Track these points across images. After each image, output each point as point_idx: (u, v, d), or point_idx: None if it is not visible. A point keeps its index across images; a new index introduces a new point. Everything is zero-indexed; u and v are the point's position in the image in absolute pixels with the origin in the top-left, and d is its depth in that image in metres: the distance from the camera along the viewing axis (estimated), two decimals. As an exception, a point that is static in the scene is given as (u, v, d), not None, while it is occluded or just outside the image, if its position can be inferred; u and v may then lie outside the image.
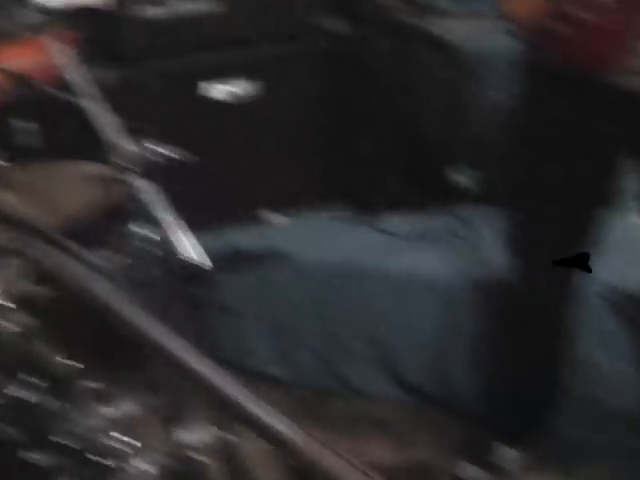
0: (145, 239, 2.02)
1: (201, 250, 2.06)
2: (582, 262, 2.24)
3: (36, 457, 1.65)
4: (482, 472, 2.42)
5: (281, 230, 3.02)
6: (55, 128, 2.61)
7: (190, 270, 2.02)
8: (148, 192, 2.03)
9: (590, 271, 2.23)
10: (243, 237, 2.91)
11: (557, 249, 2.22)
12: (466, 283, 2.66)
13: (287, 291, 2.87)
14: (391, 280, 2.75)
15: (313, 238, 2.95)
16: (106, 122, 2.09)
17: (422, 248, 2.80)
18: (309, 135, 3.09)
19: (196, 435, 1.94)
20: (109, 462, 1.70)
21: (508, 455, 2.46)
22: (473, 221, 2.87)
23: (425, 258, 2.76)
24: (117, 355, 1.82)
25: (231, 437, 1.96)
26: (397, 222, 2.95)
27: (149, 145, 2.06)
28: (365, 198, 3.07)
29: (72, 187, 2.21)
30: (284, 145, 3.06)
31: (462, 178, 3.03)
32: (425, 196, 3.03)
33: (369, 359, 2.80)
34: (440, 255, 2.76)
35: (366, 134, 3.07)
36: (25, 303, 1.73)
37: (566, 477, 2.43)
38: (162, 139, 2.09)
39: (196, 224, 2.59)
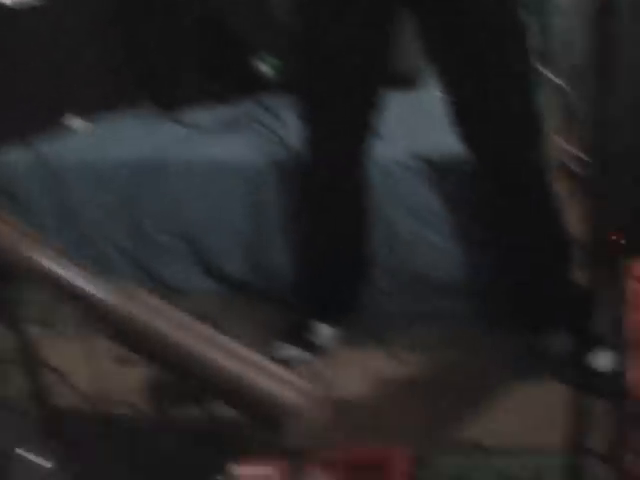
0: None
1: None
2: (371, 134, 2.28)
3: None
4: (300, 351, 2.45)
5: (85, 135, 2.93)
6: None
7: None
8: None
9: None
10: (49, 147, 2.82)
11: (350, 123, 2.23)
12: (270, 167, 2.66)
13: (95, 195, 2.80)
14: (197, 171, 2.72)
15: (118, 139, 2.89)
16: None
17: (226, 137, 2.78)
18: (106, 36, 3.00)
19: None
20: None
21: (325, 333, 2.49)
22: (276, 108, 2.86)
23: (229, 146, 2.74)
24: None
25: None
26: (201, 115, 2.92)
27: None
28: (168, 94, 3.03)
29: None
30: (81, 49, 2.95)
31: (265, 67, 3.02)
32: (229, 87, 3.02)
33: (181, 254, 2.77)
34: (244, 142, 2.74)
35: (166, 30, 3.01)
36: None
37: (385, 349, 2.47)
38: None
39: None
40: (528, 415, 2.15)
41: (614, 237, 1.95)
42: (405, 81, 2.83)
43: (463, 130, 2.20)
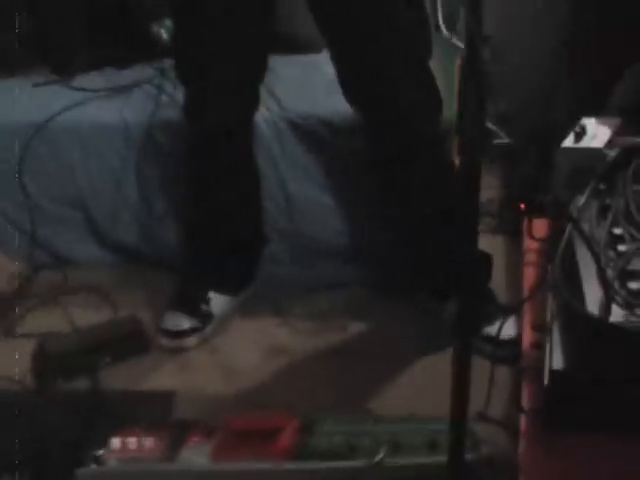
0: None
1: None
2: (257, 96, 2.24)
3: None
4: (192, 320, 2.37)
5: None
6: None
7: None
8: None
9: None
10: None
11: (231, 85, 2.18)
12: (159, 130, 2.57)
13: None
14: (85, 135, 2.63)
15: (9, 106, 2.76)
16: None
17: (117, 100, 2.68)
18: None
19: None
20: None
21: (219, 302, 2.42)
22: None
23: (115, 108, 2.65)
24: None
25: None
26: (95, 79, 2.80)
27: None
28: (61, 58, 2.93)
29: None
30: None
31: (165, 33, 2.93)
32: (127, 53, 2.92)
33: (72, 222, 2.68)
34: (131, 104, 2.66)
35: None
36: None
37: (280, 318, 2.42)
38: None
39: None
40: (424, 382, 2.11)
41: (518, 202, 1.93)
42: (307, 45, 2.77)
43: (350, 95, 2.15)
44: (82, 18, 2.93)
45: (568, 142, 1.97)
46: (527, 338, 1.86)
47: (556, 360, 1.58)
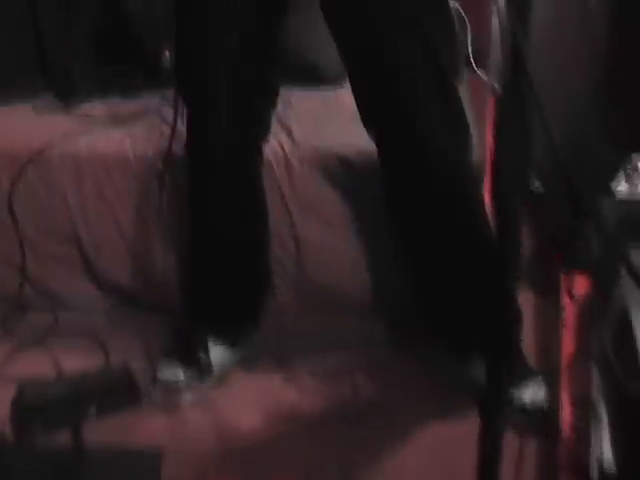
0: None
1: None
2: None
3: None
4: (189, 372, 2.21)
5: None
6: None
7: None
8: None
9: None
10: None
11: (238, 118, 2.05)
12: (161, 162, 2.40)
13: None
14: (84, 166, 2.48)
15: (5, 132, 2.61)
16: None
17: (117, 130, 2.53)
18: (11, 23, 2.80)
19: None
20: None
21: (218, 352, 2.26)
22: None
23: (116, 139, 2.49)
24: None
25: None
26: (98, 107, 2.68)
27: None
28: (68, 85, 2.83)
29: None
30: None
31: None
32: (134, 80, 2.83)
33: (64, 259, 2.54)
34: (134, 135, 2.50)
35: (76, 21, 2.82)
36: None
37: (285, 373, 2.26)
38: None
39: None
40: (442, 455, 1.93)
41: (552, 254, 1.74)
42: (329, 78, 2.65)
43: (367, 118, 1.98)
44: (88, 42, 2.85)
45: (618, 184, 1.75)
46: (566, 417, 1.63)
47: (606, 457, 1.33)
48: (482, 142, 2.11)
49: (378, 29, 1.87)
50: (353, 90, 1.99)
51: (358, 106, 1.98)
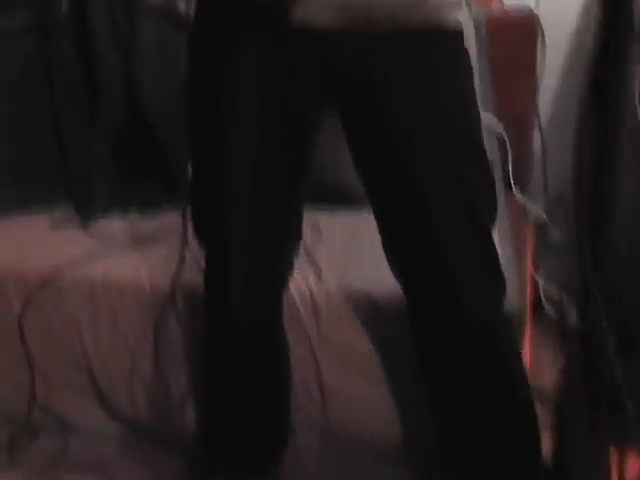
0: None
1: None
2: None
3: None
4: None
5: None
6: None
7: None
8: None
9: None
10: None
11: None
12: (172, 287, 2.30)
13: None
14: (97, 292, 2.38)
15: (19, 249, 2.55)
16: None
17: (134, 252, 2.44)
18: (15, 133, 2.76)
19: None
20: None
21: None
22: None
23: (133, 263, 2.40)
24: None
25: None
26: (116, 225, 2.59)
27: None
28: (86, 197, 2.76)
29: None
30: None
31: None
32: (157, 196, 2.74)
33: (75, 387, 2.43)
34: (152, 259, 2.40)
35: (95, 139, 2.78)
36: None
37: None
38: None
39: None
40: None
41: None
42: (357, 198, 2.53)
43: (392, 261, 1.84)
44: (110, 155, 2.79)
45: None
46: None
47: None
48: (522, 282, 1.96)
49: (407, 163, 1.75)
50: (377, 222, 1.85)
51: (384, 247, 1.85)
